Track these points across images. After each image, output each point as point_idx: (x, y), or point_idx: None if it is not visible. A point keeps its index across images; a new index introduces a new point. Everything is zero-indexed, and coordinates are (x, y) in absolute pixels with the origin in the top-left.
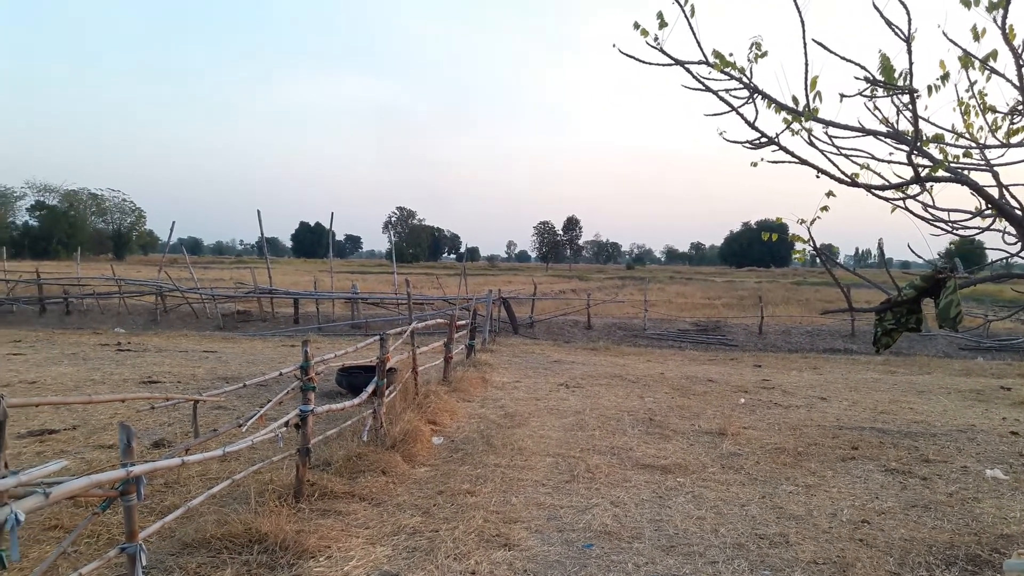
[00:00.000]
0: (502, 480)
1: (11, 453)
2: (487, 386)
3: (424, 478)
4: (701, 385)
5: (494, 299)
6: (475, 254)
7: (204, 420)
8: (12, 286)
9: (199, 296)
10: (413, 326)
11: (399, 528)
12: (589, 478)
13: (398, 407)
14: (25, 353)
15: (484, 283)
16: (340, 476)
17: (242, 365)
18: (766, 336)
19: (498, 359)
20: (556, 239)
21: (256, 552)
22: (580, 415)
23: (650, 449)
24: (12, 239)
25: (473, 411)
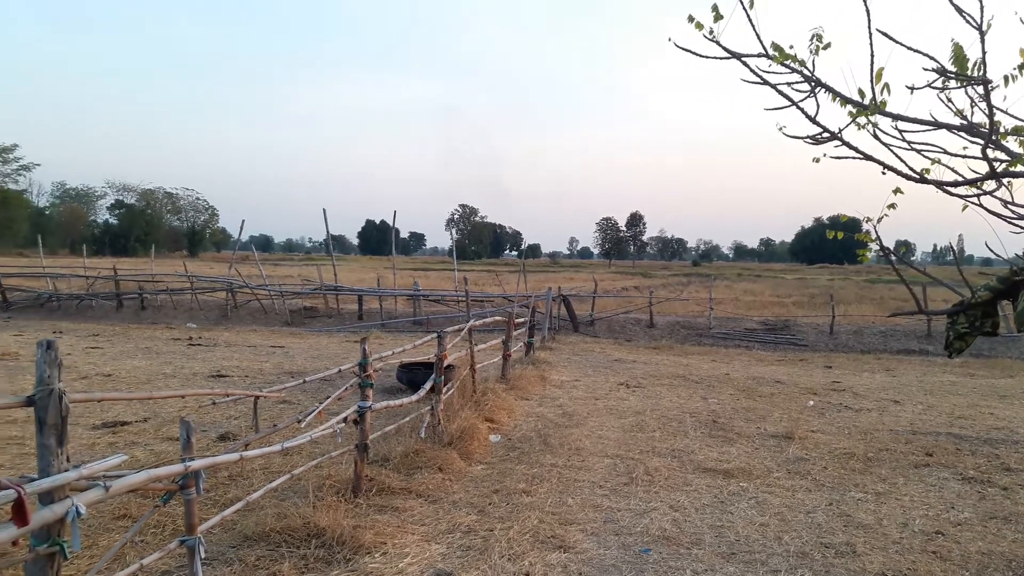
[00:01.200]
0: (559, 480)
1: (85, 443)
2: (545, 384)
3: (480, 476)
4: (768, 386)
5: (554, 296)
6: (536, 251)
7: (269, 414)
8: (91, 282)
9: (268, 292)
10: (471, 324)
11: (454, 526)
12: (648, 481)
13: (456, 404)
14: (102, 347)
15: (544, 280)
16: (397, 472)
17: (307, 360)
18: (837, 336)
19: (557, 357)
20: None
21: (314, 546)
22: (640, 416)
23: (712, 452)
24: (93, 237)
25: (531, 409)
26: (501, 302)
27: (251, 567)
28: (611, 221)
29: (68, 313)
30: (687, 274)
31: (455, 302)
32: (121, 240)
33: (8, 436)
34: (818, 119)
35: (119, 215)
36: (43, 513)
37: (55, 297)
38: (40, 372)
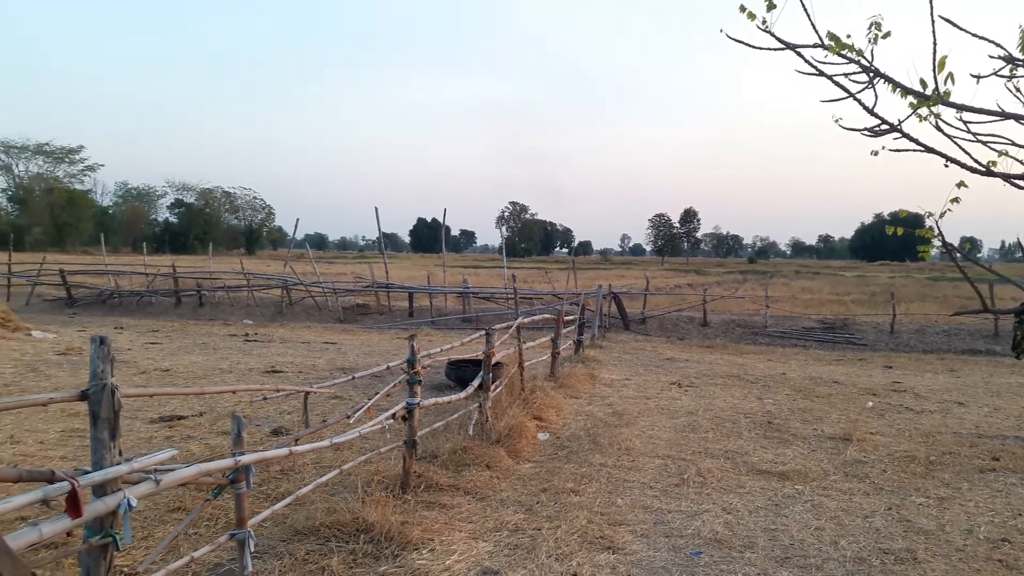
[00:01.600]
0: (608, 480)
1: (143, 437)
2: (595, 383)
3: (528, 474)
4: (825, 387)
5: (604, 294)
6: (587, 248)
7: (320, 409)
8: (152, 279)
9: (321, 290)
10: (519, 321)
11: (501, 524)
12: (700, 482)
13: (504, 402)
14: (161, 342)
15: (595, 278)
16: (445, 469)
17: (359, 357)
18: (898, 335)
19: (607, 356)
20: (672, 232)
21: (362, 541)
22: (693, 416)
23: (767, 454)
24: (154, 235)
25: (580, 408)
26: (551, 300)
27: (300, 561)
28: (664, 217)
29: (129, 309)
30: (742, 271)
31: (504, 299)
32: (181, 238)
33: (72, 428)
34: (876, 110)
35: (179, 214)
36: (96, 505)
37: (117, 294)
38: (94, 367)
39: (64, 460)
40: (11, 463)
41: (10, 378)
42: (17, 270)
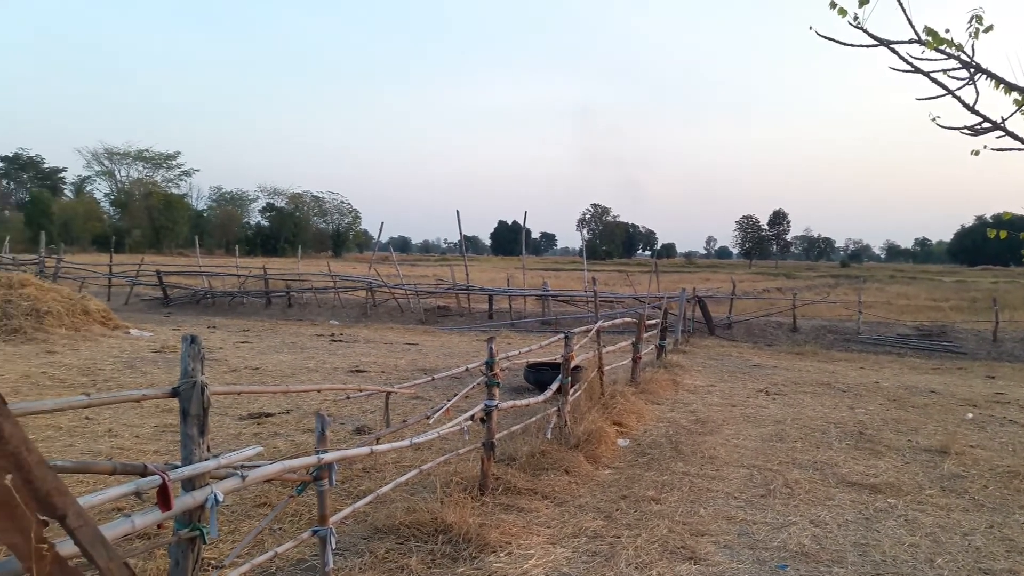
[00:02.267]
0: (690, 489)
1: (232, 433)
2: (678, 389)
3: (607, 481)
4: (921, 396)
5: (688, 298)
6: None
7: (401, 409)
8: (243, 281)
9: (404, 292)
10: (599, 325)
11: (580, 530)
12: (787, 493)
13: (583, 406)
14: (252, 342)
15: (678, 281)
16: (523, 472)
17: (439, 358)
18: (1001, 344)
19: (691, 361)
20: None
21: (440, 542)
22: (780, 425)
23: (858, 465)
24: (246, 238)
25: (662, 414)
26: (632, 303)
27: (380, 559)
28: (752, 219)
29: (221, 309)
30: (834, 275)
31: (584, 302)
32: (271, 241)
33: (165, 424)
34: (977, 108)
35: (270, 217)
36: (184, 499)
37: (210, 294)
38: (184, 365)
39: (157, 454)
40: (108, 455)
41: (109, 374)
42: (117, 271)
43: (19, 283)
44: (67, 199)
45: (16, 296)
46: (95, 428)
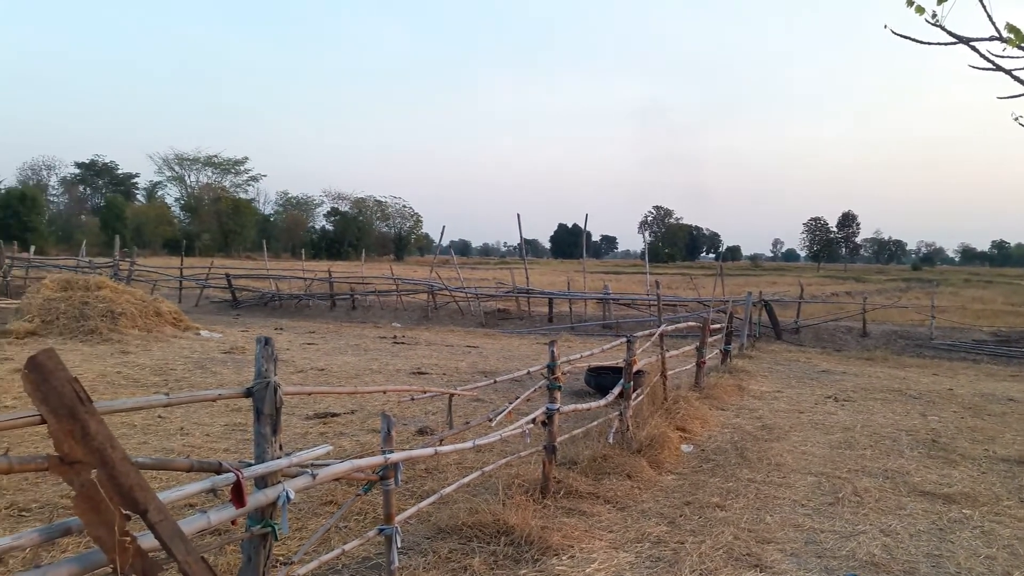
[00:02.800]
0: (756, 496)
1: (299, 432)
2: (743, 395)
3: (671, 486)
4: (999, 404)
5: (754, 301)
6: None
7: (463, 411)
8: (309, 284)
9: (464, 295)
10: (662, 329)
11: (643, 535)
12: (856, 502)
13: (645, 411)
14: (317, 343)
15: (744, 284)
16: (585, 476)
17: (499, 361)
18: None
19: (756, 366)
20: (829, 236)
21: (503, 543)
22: (849, 432)
23: (931, 474)
24: (312, 241)
25: (726, 420)
26: (695, 307)
27: (443, 559)
28: (820, 221)
29: (288, 312)
30: (906, 279)
31: (646, 306)
32: (336, 245)
33: (234, 423)
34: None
35: (334, 221)
36: (257, 496)
37: (277, 297)
38: (258, 366)
39: (227, 452)
40: (180, 453)
41: (180, 374)
42: (188, 274)
43: (95, 285)
44: (140, 204)
45: (92, 298)
46: (167, 426)
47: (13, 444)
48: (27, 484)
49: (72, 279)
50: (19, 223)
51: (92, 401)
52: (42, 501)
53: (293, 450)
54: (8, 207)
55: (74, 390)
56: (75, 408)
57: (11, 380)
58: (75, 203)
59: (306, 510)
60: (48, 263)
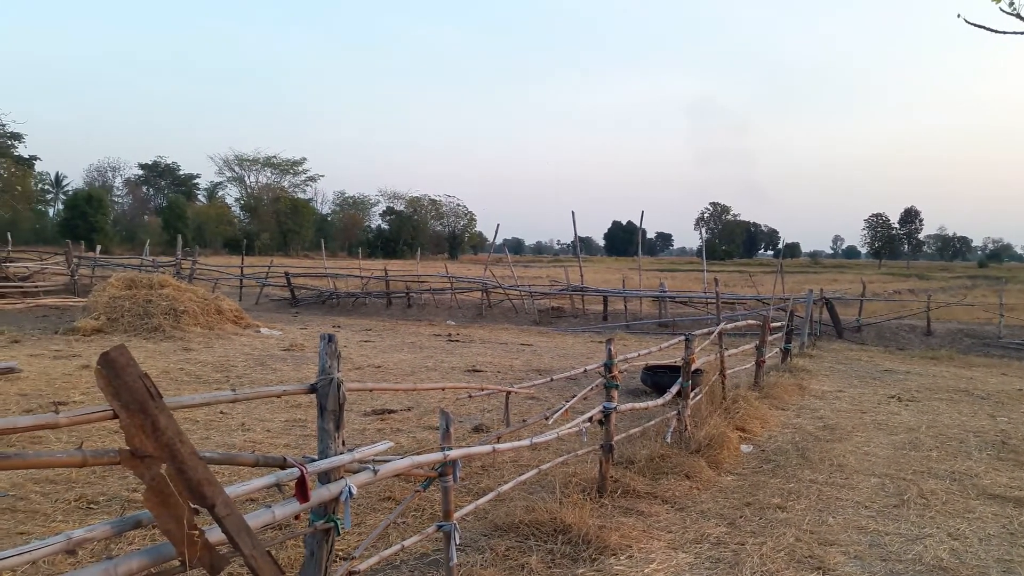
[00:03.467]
0: (818, 497)
1: (357, 428)
2: (804, 394)
3: (730, 487)
4: None
5: (815, 299)
6: (795, 250)
7: (518, 409)
8: (365, 282)
9: (518, 293)
10: (721, 327)
11: (702, 536)
12: (922, 504)
13: (704, 410)
14: (373, 340)
15: (804, 282)
16: (642, 476)
17: (554, 359)
18: None
19: (817, 365)
20: (891, 233)
21: (560, 542)
22: (914, 432)
23: (1001, 477)
24: (368, 240)
25: (787, 420)
26: (754, 304)
27: (501, 556)
28: (882, 217)
29: (345, 309)
30: (972, 276)
31: (703, 304)
32: (391, 243)
33: (294, 419)
34: None
35: (390, 221)
36: (321, 491)
37: (335, 295)
38: (322, 363)
39: (287, 447)
40: (242, 448)
41: (241, 370)
42: (248, 272)
43: (159, 284)
44: (201, 204)
45: (156, 296)
46: (229, 422)
47: (80, 439)
48: (95, 477)
49: (136, 278)
50: (85, 223)
51: (162, 397)
52: (109, 494)
53: (354, 446)
54: (75, 208)
55: (145, 386)
56: (146, 403)
57: (79, 376)
58: (139, 203)
59: (365, 506)
60: (113, 262)
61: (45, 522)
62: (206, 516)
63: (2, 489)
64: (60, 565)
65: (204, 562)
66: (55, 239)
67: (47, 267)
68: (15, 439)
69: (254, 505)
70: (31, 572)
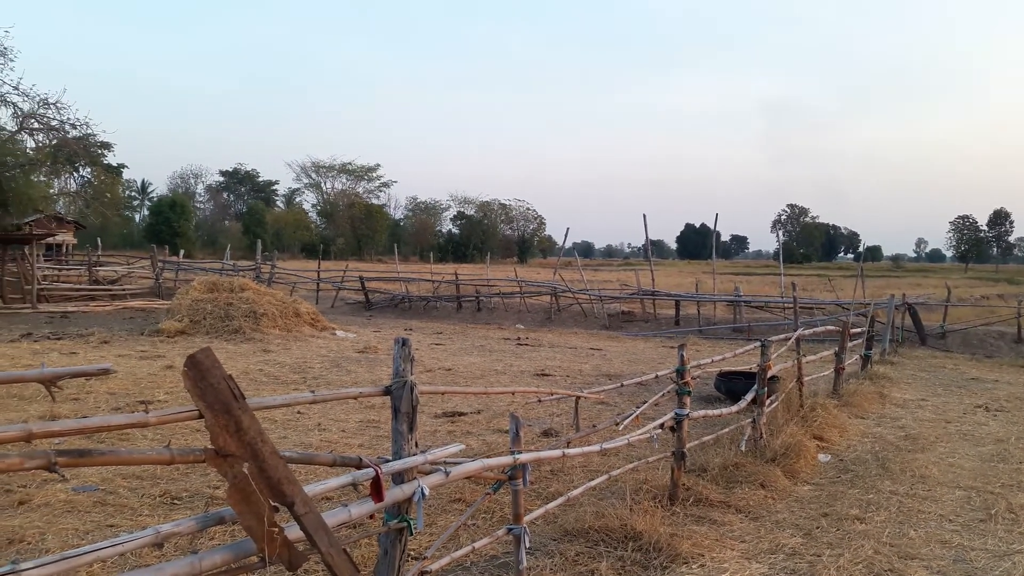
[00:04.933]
0: (898, 510)
1: (428, 430)
2: (885, 402)
3: (806, 497)
4: None
5: (897, 304)
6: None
7: (587, 415)
8: (436, 286)
9: (588, 297)
10: (798, 332)
11: (777, 546)
12: (1011, 519)
13: (779, 418)
14: (444, 344)
15: (885, 286)
16: (715, 484)
17: (624, 364)
18: None
19: (899, 373)
20: (978, 236)
21: (630, 549)
22: (1002, 444)
23: None
24: (439, 245)
25: (867, 429)
26: (833, 310)
27: (571, 561)
28: (968, 219)
29: (417, 313)
30: None
31: (780, 309)
32: (461, 248)
33: (367, 419)
34: None
35: (460, 225)
36: (395, 491)
37: (407, 298)
38: (396, 366)
39: (361, 448)
40: (319, 448)
41: (318, 372)
42: (324, 276)
43: (239, 287)
44: (279, 210)
45: (237, 299)
46: (305, 422)
47: (165, 437)
48: (178, 474)
49: (218, 281)
50: (169, 229)
51: (245, 398)
52: (191, 490)
53: (426, 448)
54: (160, 214)
55: (229, 387)
56: (230, 404)
57: (163, 376)
58: (220, 209)
59: (435, 507)
60: (195, 266)
61: (132, 516)
62: (285, 514)
63: (92, 484)
64: (146, 557)
65: (283, 559)
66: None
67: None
68: (104, 436)
69: (329, 504)
70: (119, 563)
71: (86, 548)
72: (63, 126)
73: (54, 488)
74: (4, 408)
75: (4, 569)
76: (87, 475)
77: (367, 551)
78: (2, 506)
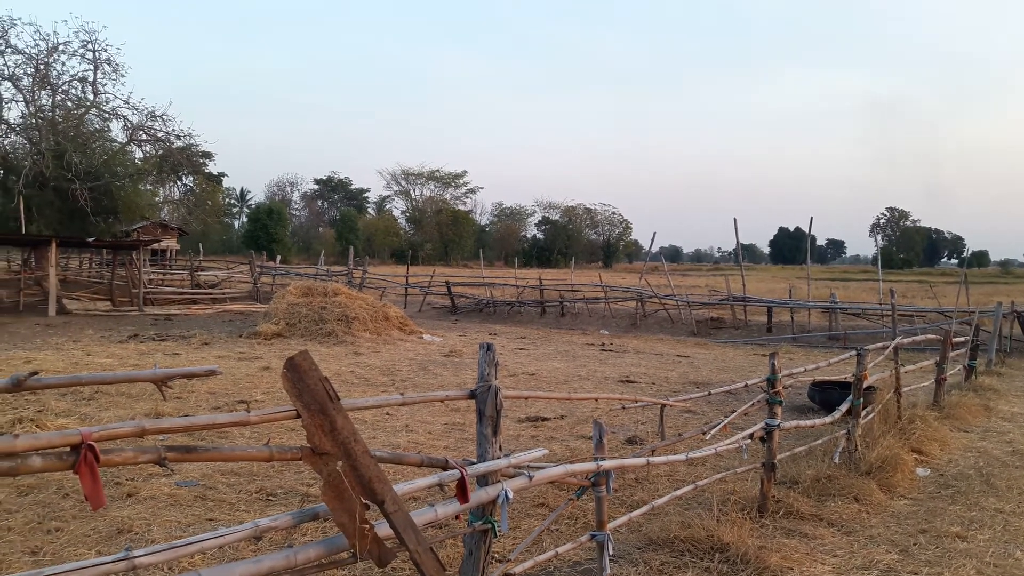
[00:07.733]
0: (1004, 528)
1: (511, 434)
2: (990, 415)
3: (903, 512)
4: None
5: (1004, 312)
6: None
7: (673, 423)
8: (521, 291)
9: (675, 302)
10: (897, 341)
11: (870, 562)
12: None
13: (876, 430)
14: (528, 348)
15: (992, 293)
16: (807, 496)
17: (712, 372)
18: None
19: (1007, 384)
20: None
21: (717, 560)
22: None
23: None
24: (523, 250)
25: (970, 443)
26: (935, 317)
27: (655, 571)
28: None
29: (501, 317)
30: None
31: (878, 316)
32: (546, 253)
33: (452, 422)
34: None
35: (544, 230)
36: (479, 493)
37: (491, 303)
38: (481, 370)
39: (447, 449)
40: (407, 449)
41: (405, 375)
42: (412, 281)
43: (332, 292)
44: (370, 216)
45: (330, 303)
46: (394, 423)
47: (261, 436)
48: (273, 471)
49: (312, 286)
50: (266, 235)
51: (339, 399)
52: (286, 487)
53: (510, 451)
54: (257, 220)
55: (325, 389)
56: (325, 405)
57: (260, 376)
58: (314, 216)
59: (519, 511)
60: (291, 271)
61: (230, 511)
62: (375, 511)
63: (194, 479)
64: (243, 551)
65: (373, 555)
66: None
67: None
68: (205, 434)
69: (416, 504)
70: (218, 555)
71: (190, 539)
72: (168, 137)
73: (159, 482)
74: (114, 405)
75: (119, 555)
76: (188, 470)
77: (452, 551)
78: (112, 498)
